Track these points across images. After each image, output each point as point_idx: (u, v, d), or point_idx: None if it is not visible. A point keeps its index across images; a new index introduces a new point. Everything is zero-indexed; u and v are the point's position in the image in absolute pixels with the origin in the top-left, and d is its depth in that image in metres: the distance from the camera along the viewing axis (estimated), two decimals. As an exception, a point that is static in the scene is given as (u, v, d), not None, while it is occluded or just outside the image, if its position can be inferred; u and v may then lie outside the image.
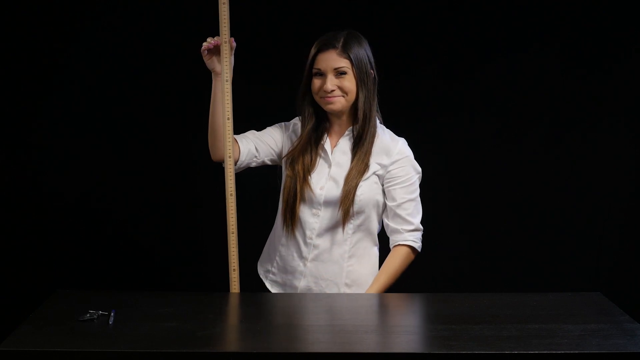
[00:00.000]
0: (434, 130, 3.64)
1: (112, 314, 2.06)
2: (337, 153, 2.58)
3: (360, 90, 2.50)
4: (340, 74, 2.48)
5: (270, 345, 1.92)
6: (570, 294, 2.33)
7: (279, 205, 2.64)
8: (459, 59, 3.61)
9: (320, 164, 2.58)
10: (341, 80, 2.49)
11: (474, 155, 3.68)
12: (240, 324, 2.08)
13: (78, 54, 3.55)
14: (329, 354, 1.86)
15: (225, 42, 2.43)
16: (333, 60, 2.48)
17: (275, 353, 1.86)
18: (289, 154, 2.58)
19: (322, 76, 2.50)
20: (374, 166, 2.55)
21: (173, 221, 3.70)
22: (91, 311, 2.06)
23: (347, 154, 2.57)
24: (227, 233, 2.48)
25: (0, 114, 3.56)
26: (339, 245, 2.57)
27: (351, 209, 2.52)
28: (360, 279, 2.60)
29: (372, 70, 2.54)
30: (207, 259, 3.71)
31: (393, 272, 2.55)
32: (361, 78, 2.49)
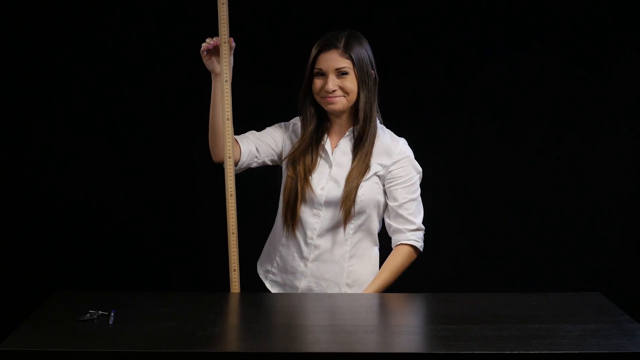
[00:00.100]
0: (434, 130, 3.63)
1: (112, 314, 2.06)
2: (338, 153, 2.58)
3: (361, 91, 2.50)
4: (341, 74, 2.48)
5: (270, 345, 1.92)
6: (570, 294, 2.33)
7: (279, 205, 2.64)
8: (459, 59, 3.61)
9: (320, 164, 2.58)
10: (342, 81, 2.48)
11: (474, 155, 3.68)
12: (240, 324, 2.08)
13: (78, 54, 3.55)
14: (329, 354, 1.86)
15: (225, 43, 2.42)
16: (334, 60, 2.48)
17: (275, 353, 1.86)
18: (291, 155, 2.58)
19: (324, 76, 2.49)
20: (375, 167, 2.55)
21: (173, 221, 3.70)
22: (91, 311, 2.06)
23: (348, 155, 2.57)
24: (227, 233, 2.48)
25: (0, 114, 3.56)
26: (339, 245, 2.57)
27: (352, 209, 2.52)
28: (361, 279, 2.60)
29: (373, 70, 2.54)
30: (207, 259, 3.71)
31: (394, 270, 2.55)
32: (362, 78, 2.49)
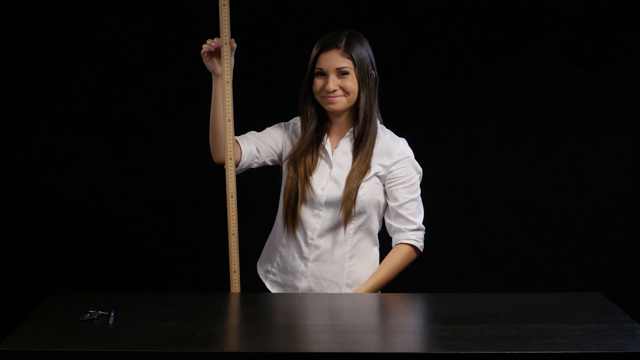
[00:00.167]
0: (434, 130, 3.63)
1: (112, 314, 2.06)
2: (338, 154, 2.58)
3: (361, 91, 2.50)
4: (342, 74, 2.48)
5: (270, 345, 1.92)
6: (570, 294, 2.33)
7: (279, 205, 2.64)
8: (459, 59, 3.61)
9: (321, 164, 2.58)
10: (343, 81, 2.48)
11: (474, 155, 3.68)
12: (240, 324, 2.08)
13: (78, 54, 3.55)
14: (329, 354, 1.86)
15: (226, 44, 2.41)
16: (335, 60, 2.48)
17: (275, 353, 1.86)
18: (291, 155, 2.57)
19: (324, 76, 2.49)
20: (376, 167, 2.54)
21: (173, 221, 3.70)
22: (91, 311, 2.06)
23: (348, 155, 2.57)
24: (228, 235, 2.47)
25: (0, 114, 3.56)
26: (340, 245, 2.57)
27: (353, 209, 2.52)
28: (361, 279, 2.60)
29: (374, 70, 2.54)
30: (207, 259, 3.71)
31: (392, 268, 2.55)
32: (363, 78, 2.49)
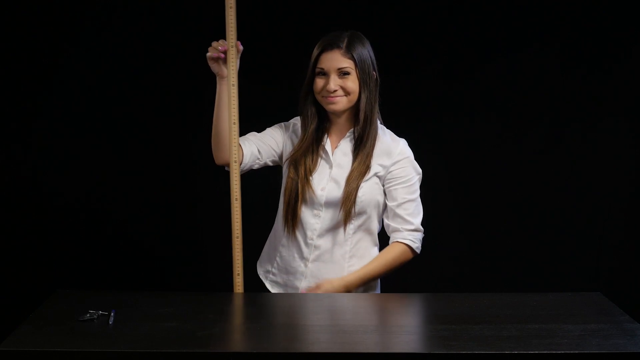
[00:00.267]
0: (434, 130, 3.63)
1: (112, 314, 2.06)
2: (338, 154, 2.58)
3: (362, 92, 2.50)
4: (343, 74, 2.48)
5: (270, 345, 1.92)
6: (570, 294, 2.33)
7: (280, 206, 2.64)
8: (459, 59, 3.61)
9: (321, 165, 2.58)
10: (344, 81, 2.48)
11: (474, 155, 3.68)
12: (240, 324, 2.08)
13: (78, 54, 3.55)
14: (329, 354, 1.86)
15: (232, 47, 2.40)
16: (337, 60, 2.47)
17: (275, 353, 1.86)
18: (292, 156, 2.57)
19: (325, 76, 2.49)
20: (375, 167, 2.54)
21: (173, 221, 3.70)
22: (91, 311, 2.06)
23: (348, 155, 2.57)
24: (232, 237, 2.46)
25: (0, 114, 3.56)
26: (340, 245, 2.57)
27: (353, 209, 2.52)
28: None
29: (375, 71, 2.54)
30: (207, 259, 3.71)
31: (384, 263, 2.53)
32: (364, 79, 2.49)
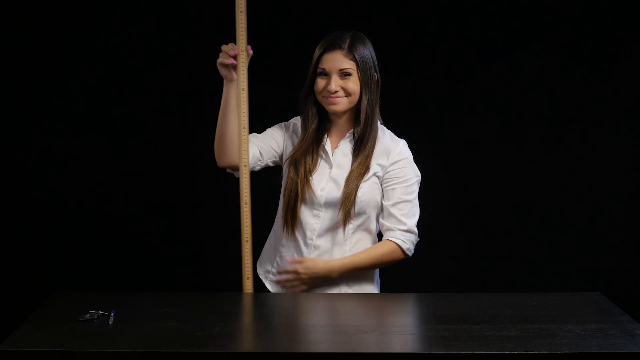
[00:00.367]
0: (434, 130, 3.64)
1: (112, 314, 2.06)
2: (338, 154, 2.58)
3: (363, 93, 2.50)
4: (344, 75, 2.47)
5: (270, 345, 1.92)
6: (570, 294, 2.33)
7: (279, 206, 2.64)
8: (459, 59, 3.61)
9: (321, 165, 2.58)
10: (345, 82, 2.48)
11: (474, 155, 3.68)
12: (241, 324, 2.08)
13: (78, 54, 3.55)
14: (329, 354, 1.86)
15: (242, 51, 2.39)
16: (339, 61, 2.47)
17: (275, 353, 1.86)
18: (292, 156, 2.57)
19: (327, 76, 2.49)
20: (375, 167, 2.54)
21: (173, 221, 3.70)
22: (91, 311, 2.06)
23: (348, 156, 2.57)
24: (242, 241, 2.44)
25: (0, 114, 3.56)
26: (339, 245, 2.56)
27: (352, 210, 2.52)
28: (361, 278, 2.59)
29: (376, 72, 2.53)
30: (207, 259, 3.71)
31: (371, 256, 2.52)
32: (365, 80, 2.49)
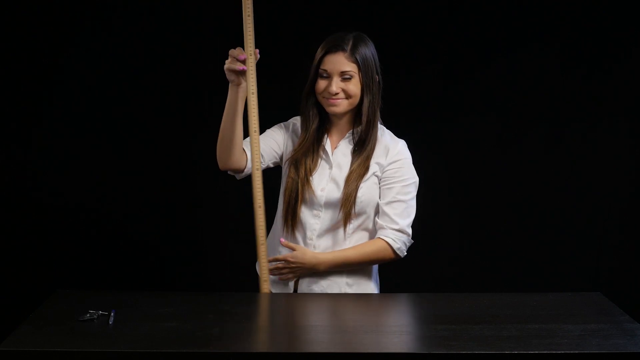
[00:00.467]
0: (434, 130, 3.63)
1: (112, 314, 2.06)
2: (338, 154, 2.58)
3: (365, 95, 2.49)
4: (346, 77, 2.47)
5: (270, 345, 1.92)
6: (570, 294, 2.33)
7: (279, 206, 2.64)
8: (459, 59, 3.61)
9: (321, 165, 2.57)
10: (346, 84, 2.47)
11: (474, 155, 3.68)
12: (240, 324, 2.08)
13: (78, 54, 3.55)
14: (329, 354, 1.86)
15: (251, 55, 2.38)
16: (340, 63, 2.47)
17: (275, 353, 1.86)
18: (293, 156, 2.57)
19: (328, 78, 2.48)
20: (373, 167, 2.54)
21: (173, 221, 3.70)
22: (91, 311, 2.06)
23: (348, 156, 2.57)
24: (257, 244, 2.44)
25: (0, 114, 3.56)
26: (339, 245, 2.56)
27: (352, 210, 2.52)
28: (361, 278, 2.59)
29: (377, 75, 2.53)
30: (207, 259, 3.71)
31: (360, 252, 2.51)
32: (367, 83, 2.48)
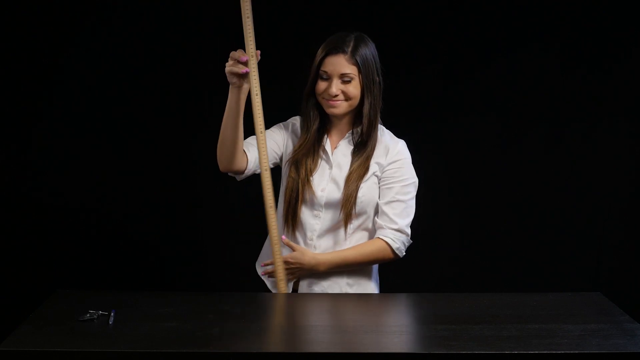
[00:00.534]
0: (434, 130, 3.63)
1: (112, 314, 2.06)
2: (338, 154, 2.58)
3: (365, 97, 2.49)
4: (346, 79, 2.47)
5: (270, 345, 1.92)
6: (570, 294, 2.33)
7: (279, 206, 2.64)
8: (459, 59, 3.61)
9: (321, 165, 2.58)
10: (346, 86, 2.47)
11: (474, 155, 3.67)
12: (240, 324, 2.08)
13: (78, 54, 3.54)
14: (329, 354, 1.86)
15: (252, 56, 2.37)
16: (341, 65, 2.46)
17: (275, 353, 1.86)
18: (294, 156, 2.57)
19: (328, 79, 2.48)
20: (373, 167, 2.54)
21: (173, 221, 3.70)
22: (91, 311, 2.06)
23: (347, 156, 2.57)
24: (272, 244, 2.45)
25: (0, 114, 3.56)
26: (339, 245, 2.56)
27: (353, 211, 2.52)
28: (361, 278, 2.60)
29: (378, 76, 2.52)
30: (207, 259, 3.71)
31: (360, 253, 2.52)
32: (368, 85, 2.48)
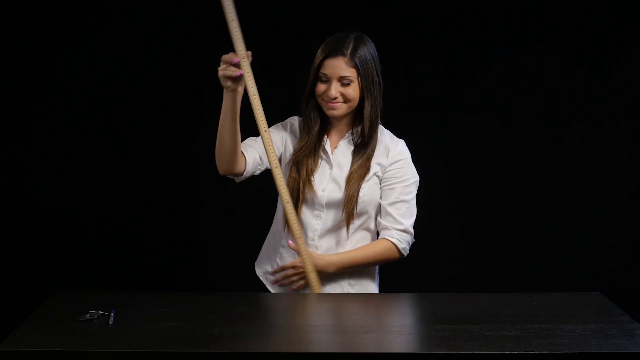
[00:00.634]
0: (434, 130, 3.64)
1: (112, 314, 2.06)
2: (338, 154, 2.58)
3: (366, 99, 2.49)
4: (345, 82, 2.47)
5: (270, 345, 1.92)
6: (570, 294, 2.33)
7: (278, 206, 2.64)
8: (459, 59, 3.61)
9: (322, 165, 2.58)
10: (345, 88, 2.47)
11: (474, 155, 3.68)
12: (240, 324, 2.08)
13: (78, 54, 3.55)
14: (329, 354, 1.86)
15: (244, 58, 2.36)
16: (340, 68, 2.46)
17: (275, 353, 1.86)
18: (295, 157, 2.57)
19: (327, 82, 2.48)
20: (374, 167, 2.54)
21: (173, 221, 3.70)
22: (91, 311, 2.06)
23: (347, 156, 2.57)
24: (295, 238, 2.45)
25: (0, 114, 3.56)
26: (340, 245, 2.56)
27: (355, 211, 2.52)
28: (363, 278, 2.60)
29: (378, 77, 2.52)
30: (207, 259, 3.71)
31: (366, 254, 2.53)
32: (367, 87, 2.48)
